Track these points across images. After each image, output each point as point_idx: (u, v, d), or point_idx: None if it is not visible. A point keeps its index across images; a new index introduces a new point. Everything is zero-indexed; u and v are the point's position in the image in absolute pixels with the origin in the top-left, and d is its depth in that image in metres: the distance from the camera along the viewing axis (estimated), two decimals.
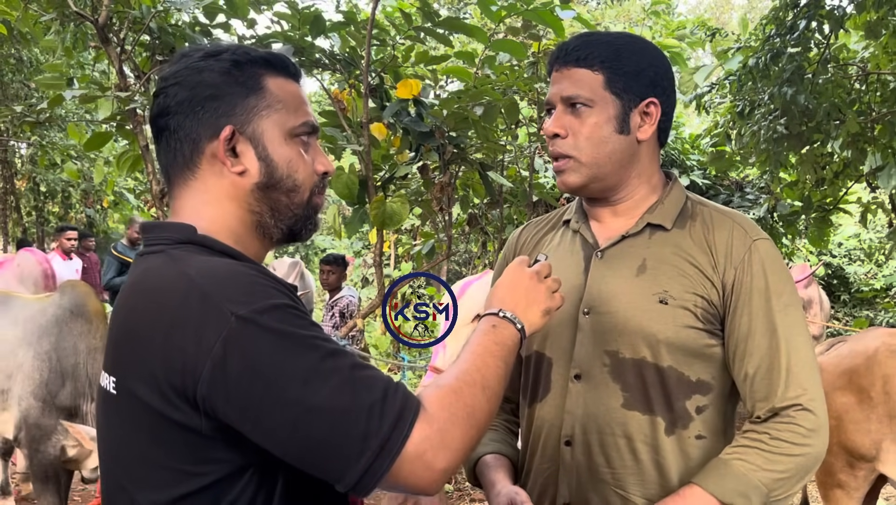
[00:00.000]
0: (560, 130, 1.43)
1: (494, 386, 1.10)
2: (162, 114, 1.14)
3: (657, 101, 1.44)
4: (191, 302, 1.00)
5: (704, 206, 1.50)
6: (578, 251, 1.52)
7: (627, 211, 1.50)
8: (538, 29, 4.85)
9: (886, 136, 5.59)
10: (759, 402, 1.37)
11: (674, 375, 1.40)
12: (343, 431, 0.96)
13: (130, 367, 1.05)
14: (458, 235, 7.01)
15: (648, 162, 1.49)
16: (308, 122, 1.17)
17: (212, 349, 0.96)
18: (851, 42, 6.24)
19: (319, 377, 0.97)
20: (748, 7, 24.76)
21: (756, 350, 1.37)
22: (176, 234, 1.11)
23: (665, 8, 10.03)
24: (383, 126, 4.55)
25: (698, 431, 1.41)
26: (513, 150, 5.62)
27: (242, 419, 0.98)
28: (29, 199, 13.59)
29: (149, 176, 4.60)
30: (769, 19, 5.37)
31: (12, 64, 10.19)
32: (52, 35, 4.79)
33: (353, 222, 4.84)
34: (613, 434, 1.42)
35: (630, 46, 1.45)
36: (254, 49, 1.18)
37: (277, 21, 4.57)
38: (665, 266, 1.42)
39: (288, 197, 1.15)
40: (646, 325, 1.39)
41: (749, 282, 1.38)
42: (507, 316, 1.22)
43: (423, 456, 0.98)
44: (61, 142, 10.29)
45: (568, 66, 1.44)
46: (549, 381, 1.51)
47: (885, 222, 9.78)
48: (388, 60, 4.67)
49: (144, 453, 1.05)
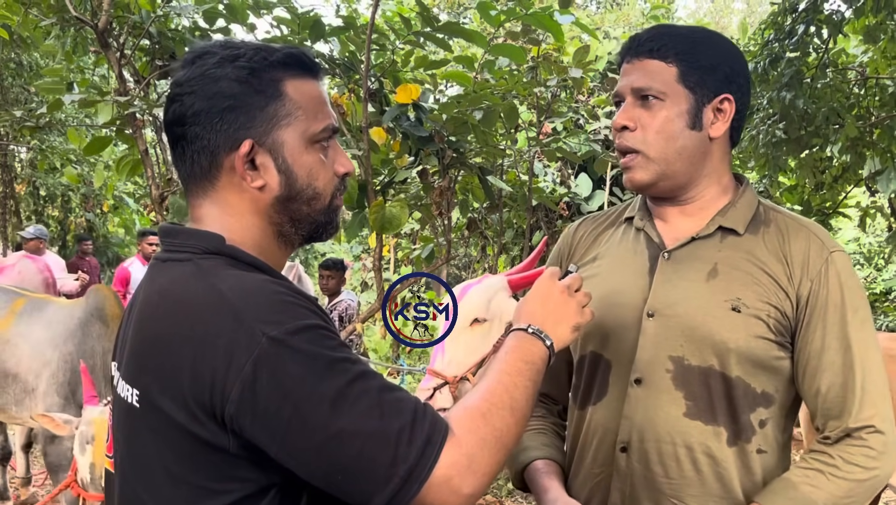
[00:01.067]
0: (629, 123, 1.38)
1: (523, 407, 1.08)
2: (178, 122, 1.11)
3: (731, 98, 1.39)
4: (222, 320, 0.98)
5: (778, 212, 1.44)
6: (643, 251, 1.46)
7: (696, 211, 1.44)
8: (537, 33, 4.86)
9: (885, 140, 5.60)
10: (831, 420, 1.33)
11: (741, 386, 1.35)
12: (371, 456, 0.95)
13: (156, 381, 1.03)
14: (457, 239, 7.01)
15: (720, 161, 1.43)
16: (328, 125, 1.14)
17: (242, 369, 0.95)
18: (850, 47, 6.25)
19: (348, 400, 0.96)
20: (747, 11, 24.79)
21: (830, 366, 1.32)
22: (204, 244, 1.09)
23: (664, 13, 10.04)
24: (383, 130, 4.55)
25: (759, 444, 1.37)
26: (512, 154, 5.62)
27: (270, 441, 0.97)
28: (28, 204, 13.58)
29: (148, 180, 4.60)
30: (768, 24, 5.37)
31: (12, 68, 10.18)
32: (52, 40, 4.80)
33: (353, 227, 4.84)
34: (673, 443, 1.36)
35: (707, 40, 1.40)
36: (272, 50, 1.13)
37: (277, 25, 4.58)
38: (737, 272, 1.37)
39: (309, 206, 1.14)
40: (716, 332, 1.34)
41: (825, 295, 1.33)
42: (535, 331, 1.20)
43: (451, 481, 0.97)
44: (61, 146, 10.28)
45: (640, 57, 1.39)
46: (605, 384, 1.45)
47: (884, 226, 9.78)
48: (387, 65, 4.68)
49: (167, 468, 1.04)
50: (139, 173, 4.92)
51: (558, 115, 6.04)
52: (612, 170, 7.14)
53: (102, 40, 4.20)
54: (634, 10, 11.94)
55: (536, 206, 6.71)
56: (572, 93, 6.41)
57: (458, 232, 6.74)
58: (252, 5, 4.43)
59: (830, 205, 6.93)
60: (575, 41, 7.23)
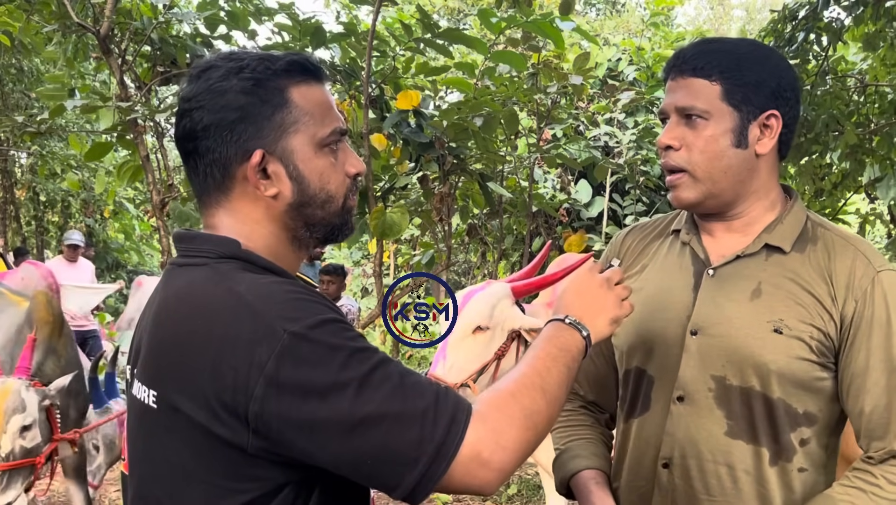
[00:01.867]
0: (673, 142, 1.37)
1: (555, 390, 1.09)
2: (188, 137, 1.13)
3: (778, 114, 1.36)
4: (242, 319, 1.00)
5: (826, 228, 1.41)
6: (688, 266, 1.45)
7: (743, 228, 1.42)
8: (538, 40, 4.87)
9: (885, 147, 5.61)
10: (874, 441, 1.32)
11: (782, 407, 1.34)
12: (398, 438, 0.97)
13: (176, 382, 1.04)
14: (457, 246, 7.02)
15: (767, 177, 1.41)
16: (336, 128, 1.15)
17: (264, 366, 0.97)
18: (850, 54, 6.27)
19: (371, 386, 0.98)
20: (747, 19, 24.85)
21: (874, 387, 1.31)
22: (221, 248, 1.11)
23: (664, 19, 10.07)
24: (383, 137, 4.57)
25: (801, 464, 1.35)
26: (512, 160, 5.63)
27: (297, 434, 0.98)
28: (28, 209, 13.59)
29: (149, 186, 4.60)
30: (768, 31, 5.38)
31: (13, 74, 10.21)
32: (54, 46, 4.81)
33: (354, 232, 4.84)
34: (715, 461, 1.36)
35: (751, 55, 1.37)
36: (275, 58, 1.14)
37: (278, 32, 4.59)
38: (781, 292, 1.35)
39: (323, 209, 1.15)
40: (758, 353, 1.33)
41: (870, 316, 1.31)
42: (572, 322, 1.20)
43: (479, 456, 0.99)
44: (62, 152, 10.30)
45: (684, 75, 1.37)
46: (648, 399, 1.45)
47: (883, 233, 9.78)
48: (388, 71, 4.69)
49: (185, 468, 1.05)
50: (140, 179, 4.93)
51: (558, 122, 6.06)
52: (612, 176, 7.16)
53: (104, 46, 4.21)
54: (634, 16, 11.97)
55: (536, 213, 6.71)
56: (572, 99, 6.42)
57: (459, 238, 6.74)
58: (253, 12, 4.44)
59: (830, 211, 6.94)
60: (575, 48, 7.25)
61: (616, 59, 8.55)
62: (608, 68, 8.43)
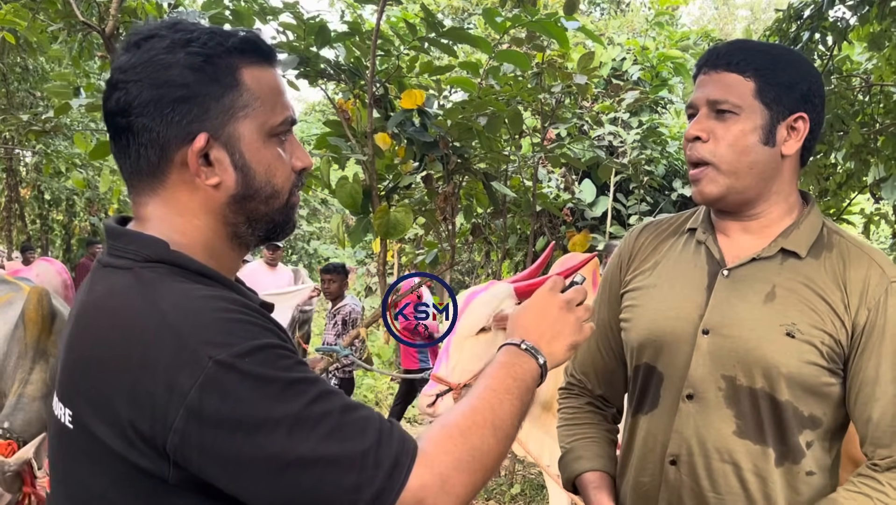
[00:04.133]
0: (701, 133, 1.38)
1: (507, 427, 1.02)
2: (122, 112, 1.00)
3: (807, 117, 1.38)
4: (163, 342, 0.90)
5: (842, 236, 1.42)
6: (703, 266, 1.45)
7: (760, 230, 1.43)
8: (542, 40, 4.86)
9: (890, 147, 5.59)
10: (881, 448, 1.32)
11: (790, 409, 1.35)
12: (333, 483, 0.89)
13: (90, 403, 0.95)
14: (461, 245, 7.01)
15: (789, 179, 1.42)
16: (288, 117, 1.06)
17: (186, 396, 0.88)
18: (855, 54, 6.25)
19: (306, 425, 0.89)
20: (752, 18, 24.80)
21: (883, 396, 1.32)
22: (146, 250, 1.00)
23: (669, 19, 10.05)
24: (387, 136, 4.57)
25: (809, 467, 1.37)
26: (516, 160, 5.63)
27: (220, 472, 0.90)
28: (33, 208, 13.62)
29: None
30: (773, 31, 5.37)
31: (18, 73, 10.23)
32: (60, 44, 4.82)
33: (357, 232, 4.85)
34: (722, 460, 1.37)
35: (786, 57, 1.39)
36: (226, 34, 1.03)
37: (283, 31, 4.60)
38: (794, 297, 1.36)
39: (267, 205, 1.06)
40: (769, 356, 1.34)
41: (882, 325, 1.32)
42: (528, 348, 1.14)
43: (422, 503, 0.92)
44: (66, 150, 10.32)
45: (718, 69, 1.38)
46: (657, 396, 1.46)
47: (888, 233, 9.75)
48: (392, 71, 4.69)
49: (104, 494, 0.97)
50: None
51: (562, 122, 6.05)
52: (616, 176, 7.15)
53: (109, 45, 4.22)
54: (639, 16, 11.95)
55: (540, 212, 6.70)
56: (577, 99, 6.41)
57: (463, 238, 6.74)
58: (258, 11, 4.44)
59: (835, 211, 6.92)
60: (579, 47, 7.25)
61: (620, 58, 8.54)
62: (612, 68, 8.42)
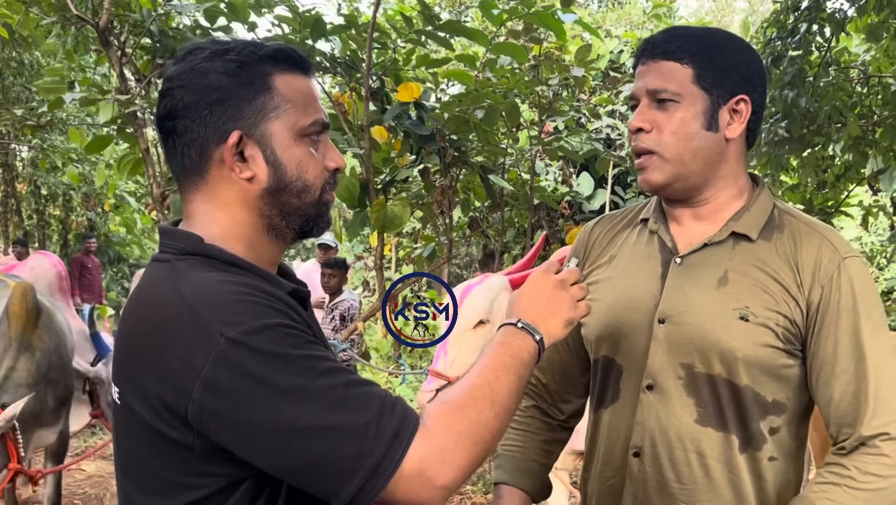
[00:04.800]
0: (644, 125, 1.37)
1: (505, 401, 1.07)
2: (168, 116, 1.12)
3: (748, 99, 1.37)
4: (182, 322, 1.00)
5: (793, 216, 1.42)
6: (656, 255, 1.45)
7: (710, 215, 1.42)
8: (539, 32, 4.84)
9: (888, 139, 5.59)
10: (844, 427, 1.31)
11: (750, 394, 1.34)
12: (336, 451, 0.96)
13: (129, 381, 1.07)
14: (458, 239, 7.01)
15: (735, 163, 1.42)
16: (318, 119, 1.14)
17: (201, 371, 0.97)
18: (853, 45, 6.23)
19: (312, 396, 0.97)
20: (749, 10, 24.76)
21: (842, 374, 1.30)
22: (182, 244, 1.11)
23: (666, 11, 10.03)
24: (384, 129, 4.55)
25: (771, 452, 1.36)
26: (514, 153, 5.61)
27: (234, 440, 0.98)
28: (30, 203, 13.59)
29: (150, 179, 4.59)
30: (770, 22, 5.36)
31: (13, 67, 10.18)
32: (53, 38, 4.79)
33: (354, 225, 4.84)
34: (685, 449, 1.37)
35: (723, 41, 1.40)
36: (261, 45, 1.14)
37: (278, 24, 4.57)
38: (747, 280, 1.35)
39: (299, 198, 1.14)
40: (724, 340, 1.33)
41: (837, 302, 1.31)
42: (525, 326, 1.18)
43: (423, 474, 0.97)
44: (62, 145, 10.28)
45: (655, 58, 1.38)
46: (618, 388, 1.45)
47: (886, 225, 9.77)
48: (389, 63, 4.67)
49: (144, 464, 1.07)
50: (141, 172, 4.92)
51: (560, 114, 6.03)
52: (614, 169, 7.14)
53: (103, 39, 4.19)
54: (636, 8, 11.91)
55: (538, 206, 6.70)
56: (574, 91, 6.40)
57: (460, 231, 6.73)
58: (253, 4, 4.42)
59: (833, 204, 6.92)
60: (577, 40, 7.22)
61: (618, 51, 8.51)
62: (610, 60, 8.40)
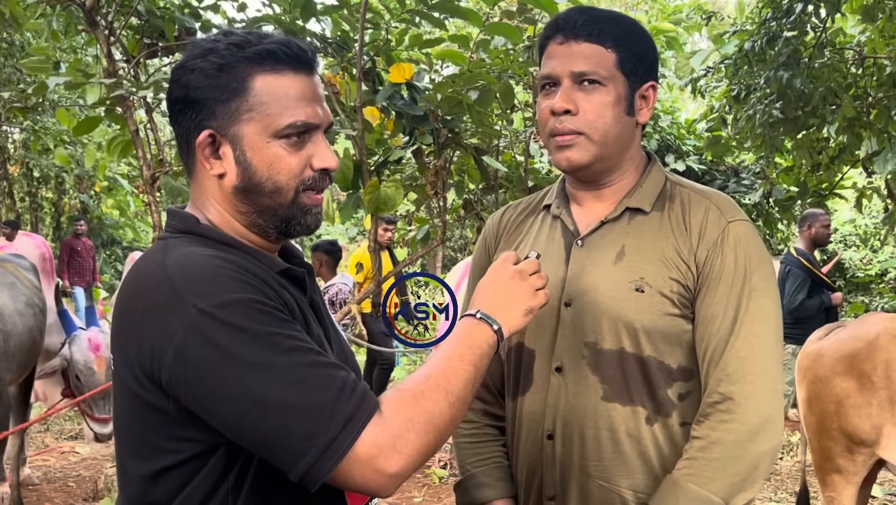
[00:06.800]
0: (571, 106, 1.37)
1: (459, 391, 1.09)
2: (168, 108, 1.20)
3: (656, 86, 1.42)
4: (160, 291, 1.06)
5: (683, 186, 1.46)
6: (559, 239, 1.47)
7: (610, 195, 1.45)
8: (534, 13, 4.80)
9: (882, 120, 5.57)
10: (709, 385, 1.33)
11: (654, 364, 1.36)
12: (290, 428, 0.99)
13: (117, 349, 1.13)
14: (453, 221, 6.98)
15: (638, 145, 1.47)
16: (295, 122, 1.14)
17: (173, 339, 1.02)
18: (848, 26, 6.20)
19: (273, 372, 1.00)
20: None
21: (717, 333, 1.33)
22: (180, 224, 1.18)
23: None
24: (376, 110, 4.51)
25: (682, 417, 1.38)
26: (508, 134, 5.58)
27: (200, 407, 1.04)
28: (22, 185, 13.53)
29: (140, 161, 4.55)
30: (765, 3, 5.32)
31: (4, 48, 10.09)
32: (39, 19, 4.73)
33: (348, 208, 4.81)
34: (595, 427, 1.39)
35: (634, 27, 1.43)
36: (247, 43, 1.15)
37: (269, 4, 4.52)
38: (643, 252, 1.38)
39: (271, 199, 1.16)
40: (623, 314, 1.36)
41: (719, 264, 1.34)
42: (483, 317, 1.20)
43: (374, 460, 1.00)
44: (54, 127, 10.21)
45: (578, 40, 1.38)
46: (530, 374, 1.47)
47: (880, 207, 9.78)
48: (381, 44, 4.62)
49: (132, 428, 1.14)
50: (131, 154, 4.87)
51: None
52: None
53: (90, 18, 4.14)
54: None
55: (532, 188, 6.66)
56: None
57: (454, 213, 6.70)
58: None
59: (827, 186, 6.92)
60: None
61: None
62: None
